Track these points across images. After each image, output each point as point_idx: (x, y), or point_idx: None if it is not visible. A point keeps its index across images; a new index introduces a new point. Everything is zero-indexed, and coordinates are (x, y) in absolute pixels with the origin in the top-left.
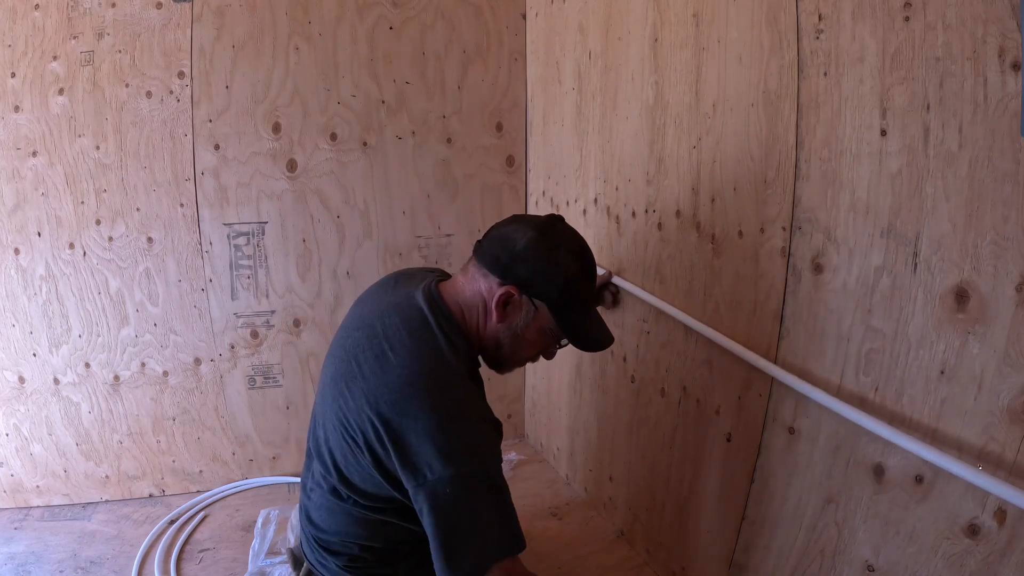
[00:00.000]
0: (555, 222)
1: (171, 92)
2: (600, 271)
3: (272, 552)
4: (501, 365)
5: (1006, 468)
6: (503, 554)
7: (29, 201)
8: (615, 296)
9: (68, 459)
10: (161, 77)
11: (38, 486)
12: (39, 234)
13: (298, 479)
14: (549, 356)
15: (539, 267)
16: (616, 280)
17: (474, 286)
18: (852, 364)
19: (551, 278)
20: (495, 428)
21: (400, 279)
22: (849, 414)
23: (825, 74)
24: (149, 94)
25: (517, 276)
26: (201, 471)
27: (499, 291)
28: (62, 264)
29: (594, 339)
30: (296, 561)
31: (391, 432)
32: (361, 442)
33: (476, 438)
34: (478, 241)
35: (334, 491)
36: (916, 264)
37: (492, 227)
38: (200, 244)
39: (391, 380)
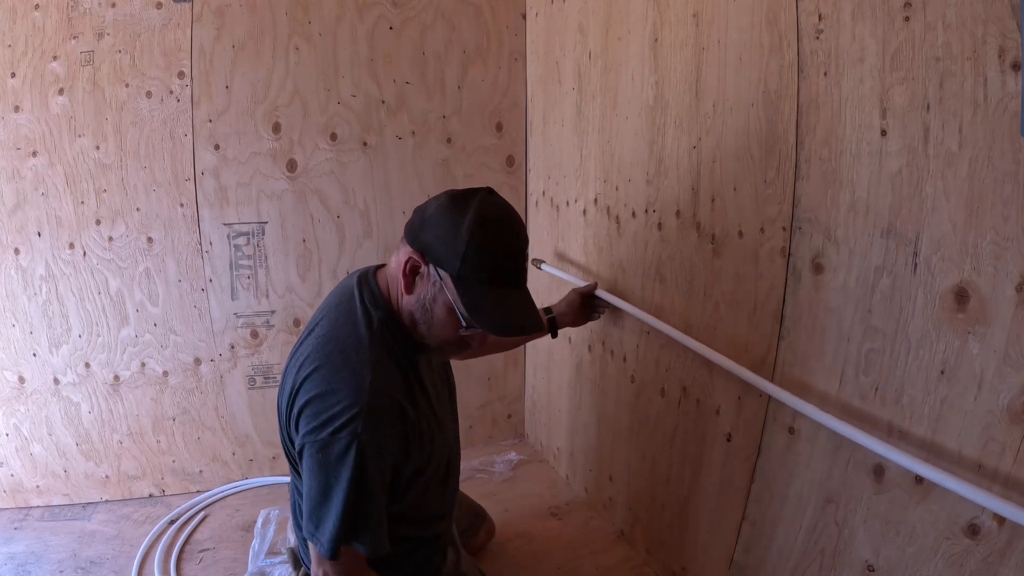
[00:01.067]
0: (476, 192)
1: (171, 92)
2: (580, 282)
3: (272, 552)
4: (427, 348)
5: (1006, 469)
6: (350, 537)
7: (29, 201)
8: (598, 310)
9: (68, 459)
10: (161, 77)
11: (38, 486)
12: (39, 234)
13: None
14: (472, 343)
15: (441, 232)
16: (600, 293)
17: (396, 258)
18: (852, 364)
19: (452, 244)
20: (397, 412)
21: (358, 270)
22: (842, 429)
23: (825, 74)
24: (149, 94)
25: (423, 241)
26: (201, 471)
27: (404, 256)
28: (62, 264)
29: (499, 323)
30: (296, 561)
31: (295, 397)
32: (283, 418)
33: (365, 410)
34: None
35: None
36: (916, 264)
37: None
38: (200, 244)
39: (306, 350)
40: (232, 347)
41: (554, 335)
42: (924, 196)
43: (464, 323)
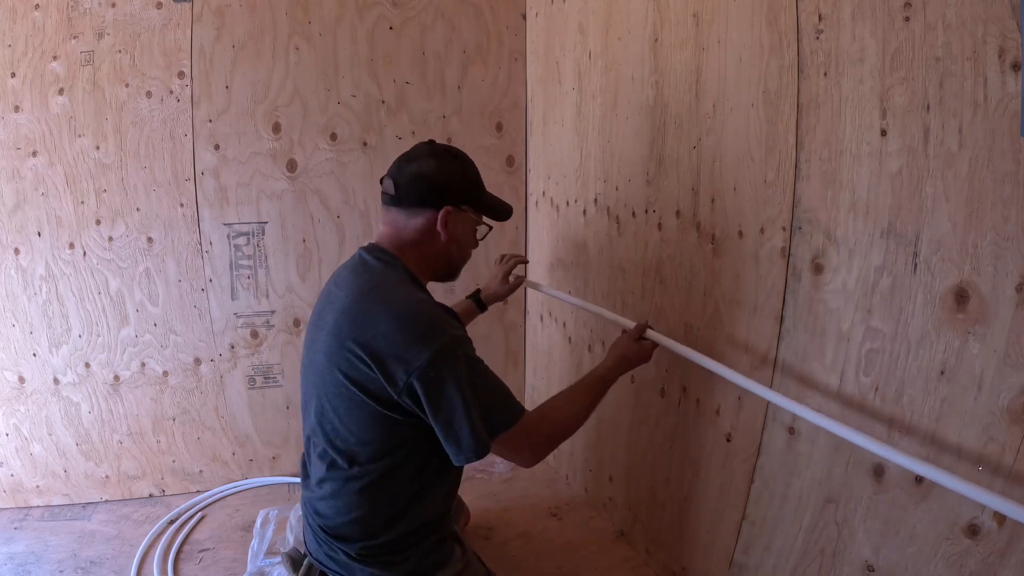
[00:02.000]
0: (436, 146)
1: (171, 92)
2: (570, 298)
3: (271, 552)
4: (454, 272)
5: (1006, 469)
6: (491, 433)
7: (29, 201)
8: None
9: (68, 459)
10: (161, 77)
11: (38, 486)
12: (39, 234)
13: (298, 479)
14: (477, 244)
15: (455, 179)
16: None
17: (410, 226)
18: (852, 364)
19: (464, 180)
20: (453, 316)
21: (341, 266)
22: (839, 430)
23: (825, 74)
24: (149, 94)
25: (445, 196)
26: (201, 471)
27: (440, 214)
28: (62, 264)
29: (504, 207)
30: (294, 563)
31: (364, 348)
32: (355, 381)
33: (436, 319)
34: (390, 195)
35: (334, 466)
36: (916, 264)
37: (394, 173)
38: (200, 244)
39: (345, 307)
40: (232, 347)
41: (483, 309)
42: (924, 196)
43: (478, 232)
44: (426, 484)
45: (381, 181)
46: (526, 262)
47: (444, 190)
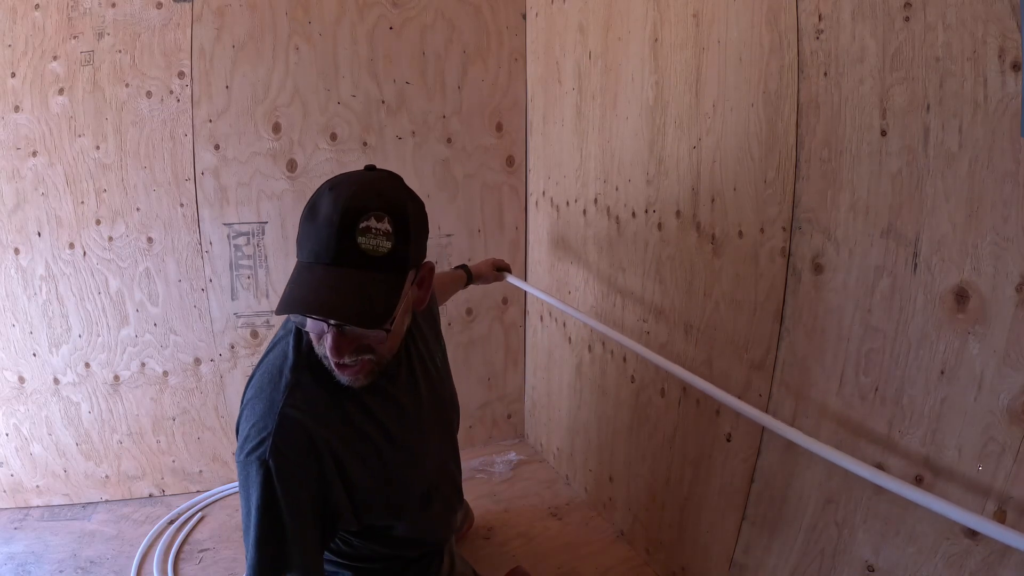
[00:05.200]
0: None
1: (171, 92)
2: (543, 295)
3: None
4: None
5: (1006, 469)
6: (269, 571)
7: (29, 201)
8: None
9: (68, 459)
10: (161, 77)
11: (38, 486)
12: (39, 234)
13: None
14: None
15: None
16: (511, 279)
17: None
18: (852, 364)
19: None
20: (305, 439)
21: None
22: (833, 457)
23: (825, 74)
24: (149, 94)
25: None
26: (201, 471)
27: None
28: (62, 264)
29: (283, 298)
30: None
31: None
32: None
33: (263, 429)
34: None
35: None
36: (916, 264)
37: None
38: (200, 244)
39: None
40: (232, 347)
41: (470, 280)
42: (924, 196)
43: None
44: (381, 530)
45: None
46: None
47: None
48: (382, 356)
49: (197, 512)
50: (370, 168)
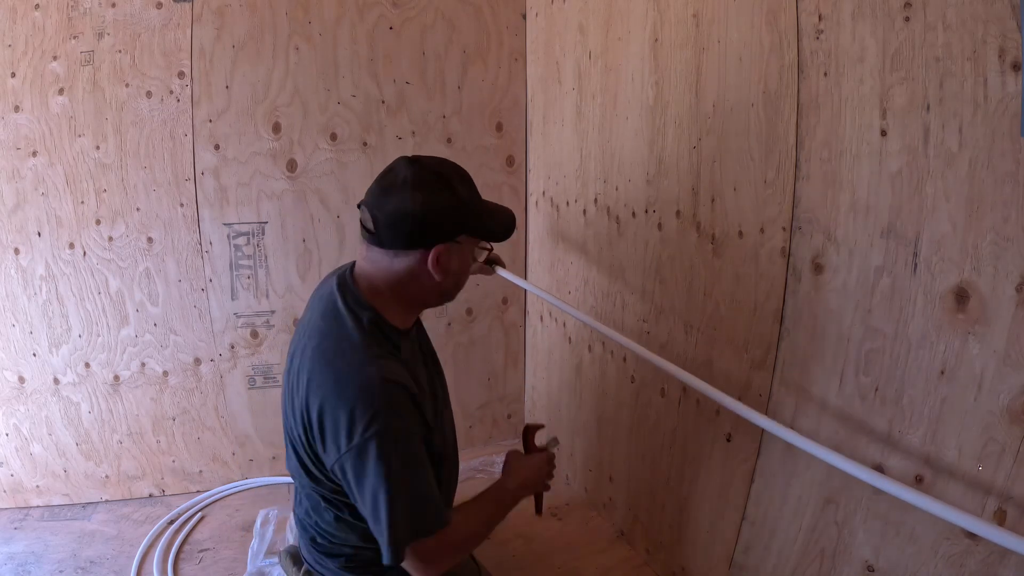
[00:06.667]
0: (419, 170)
1: (171, 92)
2: (531, 288)
3: (271, 552)
4: (450, 300)
5: (1006, 469)
6: (410, 535)
7: (29, 201)
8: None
9: (68, 459)
10: (161, 77)
11: (38, 486)
12: (39, 234)
13: None
14: (475, 267)
15: (445, 212)
16: (502, 272)
17: (395, 268)
18: (852, 364)
19: (455, 209)
20: (408, 397)
21: (331, 274)
22: (833, 459)
23: (825, 74)
24: (149, 94)
25: (436, 236)
26: (201, 471)
27: (432, 255)
28: (62, 264)
29: (503, 227)
30: (294, 560)
31: (308, 414)
32: (303, 436)
33: (381, 402)
34: (372, 231)
35: (304, 487)
36: (916, 264)
37: (372, 204)
38: (200, 244)
39: (305, 362)
40: (232, 347)
41: None
42: (924, 196)
43: (482, 252)
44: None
45: (359, 206)
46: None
47: (434, 227)
48: None
49: (197, 512)
50: (411, 158)
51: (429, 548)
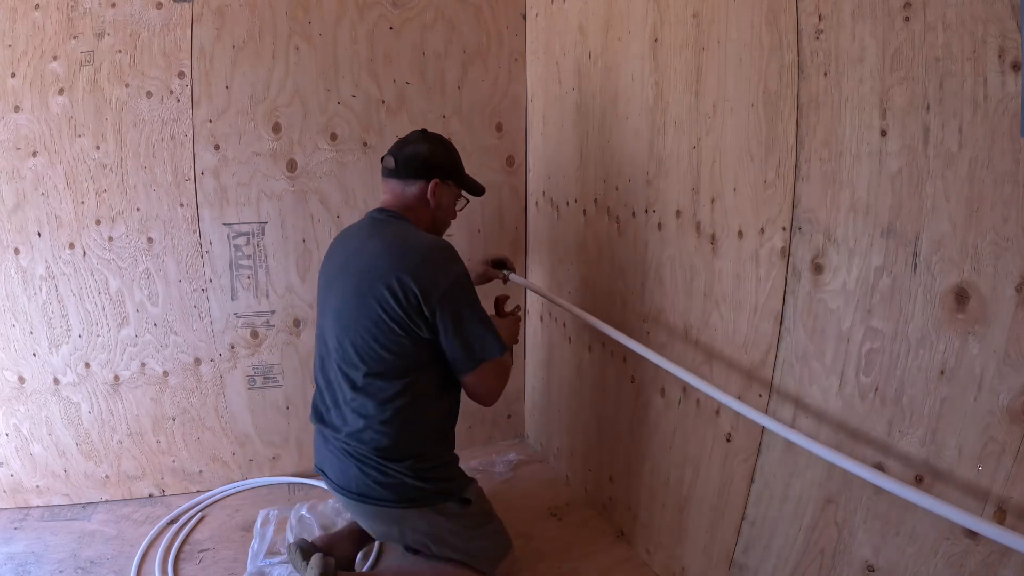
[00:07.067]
0: (427, 133)
1: (171, 92)
2: (546, 292)
3: (271, 552)
4: (439, 233)
5: (1006, 469)
6: (494, 350)
7: (29, 201)
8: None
9: (68, 459)
10: (161, 77)
11: (38, 486)
12: (39, 234)
13: (298, 480)
14: (455, 215)
15: (442, 160)
16: (515, 278)
17: (407, 194)
18: (852, 364)
19: (449, 161)
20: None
21: (346, 228)
22: (831, 457)
23: (825, 74)
24: (149, 94)
25: (434, 172)
26: (201, 471)
27: (431, 185)
28: (62, 264)
29: (478, 187)
30: (304, 552)
31: (405, 277)
32: (389, 309)
33: (455, 257)
34: (392, 168)
35: (370, 392)
36: (916, 264)
37: (394, 151)
38: (200, 244)
39: (381, 250)
40: (232, 347)
41: None
42: (924, 196)
43: (458, 204)
44: (446, 401)
45: (382, 159)
46: (513, 270)
47: (434, 167)
48: None
49: (197, 512)
50: (425, 130)
51: (504, 364)
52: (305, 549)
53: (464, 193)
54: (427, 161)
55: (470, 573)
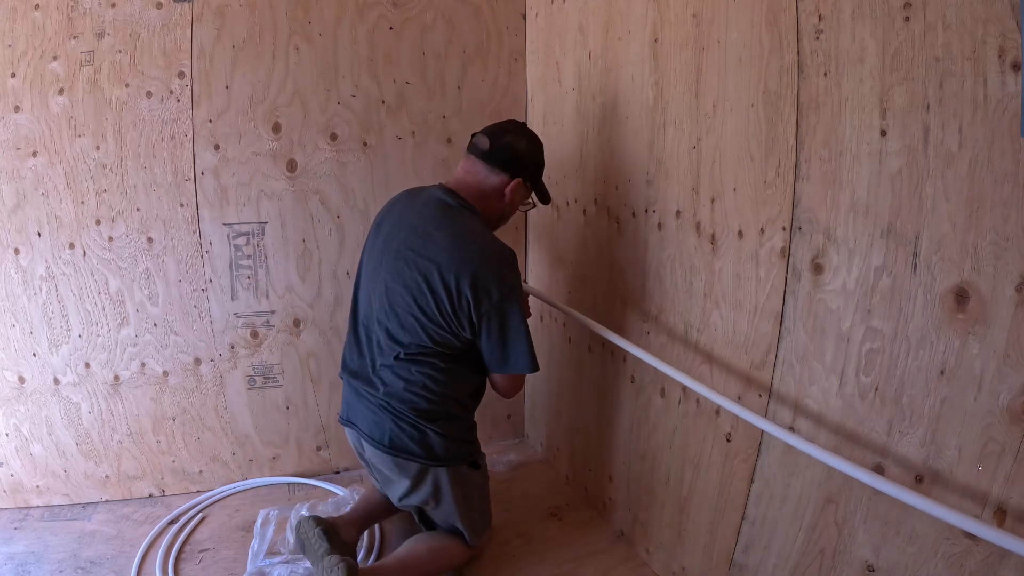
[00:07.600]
0: (526, 128)
1: (171, 92)
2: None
3: (271, 552)
4: (497, 225)
5: (1005, 469)
6: (526, 367)
7: (29, 201)
8: None
9: (68, 459)
10: (161, 77)
11: (38, 486)
12: (39, 234)
13: (298, 479)
14: (516, 211)
15: (533, 164)
16: (526, 287)
17: (489, 181)
18: (852, 364)
19: (537, 164)
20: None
21: (413, 192)
22: (830, 460)
23: (825, 74)
24: (149, 94)
25: (522, 170)
26: (201, 471)
27: (513, 183)
28: (62, 264)
29: (549, 196)
30: (322, 526)
31: (461, 280)
32: (442, 308)
33: (514, 265)
34: (485, 151)
35: (408, 361)
36: (916, 264)
37: (490, 134)
38: (200, 244)
39: (445, 246)
40: (232, 347)
41: None
42: (924, 196)
43: (528, 204)
44: (481, 376)
45: (473, 135)
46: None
47: (524, 166)
48: None
49: (197, 512)
50: (524, 123)
51: (519, 382)
52: (322, 521)
53: (533, 197)
54: (521, 158)
55: (458, 547)
